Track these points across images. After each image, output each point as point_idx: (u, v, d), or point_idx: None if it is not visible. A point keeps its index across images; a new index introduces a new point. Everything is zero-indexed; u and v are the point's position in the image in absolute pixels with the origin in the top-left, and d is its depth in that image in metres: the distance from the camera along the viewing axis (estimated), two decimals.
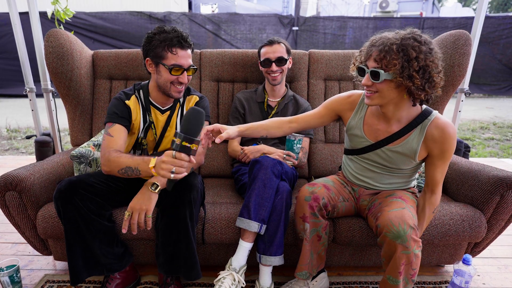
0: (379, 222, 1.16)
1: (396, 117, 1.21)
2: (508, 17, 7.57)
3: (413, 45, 1.04)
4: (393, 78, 1.08)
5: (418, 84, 1.05)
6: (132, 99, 1.43)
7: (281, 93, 1.82)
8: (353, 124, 1.33)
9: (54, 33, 1.71)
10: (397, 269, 1.11)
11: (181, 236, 1.28)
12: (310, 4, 19.88)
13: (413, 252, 1.09)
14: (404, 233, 1.08)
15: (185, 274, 1.31)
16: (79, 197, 1.25)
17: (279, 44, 1.73)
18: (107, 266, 1.34)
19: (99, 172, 1.45)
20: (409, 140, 1.21)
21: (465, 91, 2.15)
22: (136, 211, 1.25)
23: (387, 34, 1.11)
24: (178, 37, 1.29)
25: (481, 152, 4.10)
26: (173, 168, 1.06)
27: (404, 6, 17.39)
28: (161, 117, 1.47)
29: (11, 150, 4.00)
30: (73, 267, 1.29)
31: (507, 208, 1.40)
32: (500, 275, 1.63)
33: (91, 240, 1.29)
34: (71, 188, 1.25)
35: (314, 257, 1.33)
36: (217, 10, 14.81)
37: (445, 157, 1.19)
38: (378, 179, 1.35)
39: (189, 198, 1.27)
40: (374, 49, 1.10)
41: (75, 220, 1.26)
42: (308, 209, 1.28)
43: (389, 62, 1.06)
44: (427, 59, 1.05)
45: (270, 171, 1.37)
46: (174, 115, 1.49)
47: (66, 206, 1.24)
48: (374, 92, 1.14)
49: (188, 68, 1.34)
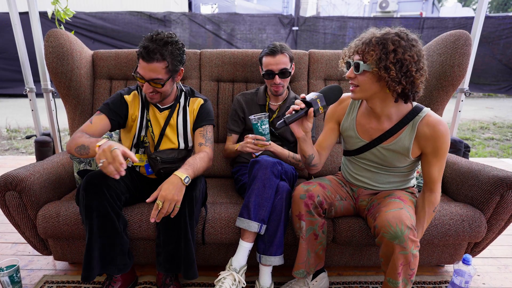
0: (377, 223, 1.16)
1: (385, 114, 1.22)
2: (508, 17, 7.57)
3: (393, 39, 1.07)
4: (371, 69, 1.10)
5: (394, 76, 1.07)
6: (132, 94, 1.46)
7: (282, 97, 1.80)
8: (347, 125, 1.34)
9: (54, 33, 1.71)
10: (396, 270, 1.11)
11: (181, 234, 1.28)
12: (310, 4, 19.88)
13: (411, 253, 1.09)
14: (401, 233, 1.08)
15: (184, 272, 1.31)
16: (110, 191, 1.25)
17: (282, 54, 1.63)
18: (119, 266, 1.32)
19: None
20: (401, 137, 1.22)
21: (465, 91, 2.15)
22: (168, 201, 1.21)
23: (373, 30, 1.14)
24: (145, 48, 1.26)
25: (481, 152, 4.10)
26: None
27: (404, 6, 17.38)
28: (159, 115, 1.47)
29: (11, 150, 4.01)
30: (88, 262, 1.25)
31: (507, 208, 1.40)
32: (500, 275, 1.63)
33: (115, 236, 1.27)
34: (104, 181, 1.24)
35: (312, 255, 1.33)
36: (217, 10, 14.82)
37: (439, 154, 1.19)
38: (375, 178, 1.36)
39: (190, 196, 1.27)
40: (358, 43, 1.14)
41: (106, 213, 1.23)
42: (304, 207, 1.28)
43: (368, 53, 1.09)
44: (406, 53, 1.07)
45: (269, 171, 1.37)
46: (174, 114, 1.49)
47: (99, 198, 1.22)
48: (356, 86, 1.17)
49: (149, 80, 1.30)
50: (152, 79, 1.30)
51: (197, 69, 1.98)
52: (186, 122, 1.50)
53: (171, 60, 1.31)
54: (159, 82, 1.32)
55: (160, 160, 1.46)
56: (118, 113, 1.41)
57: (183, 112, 1.50)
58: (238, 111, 1.81)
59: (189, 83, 1.96)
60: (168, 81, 1.34)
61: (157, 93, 1.36)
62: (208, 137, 1.50)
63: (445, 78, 1.69)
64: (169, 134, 1.48)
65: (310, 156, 1.32)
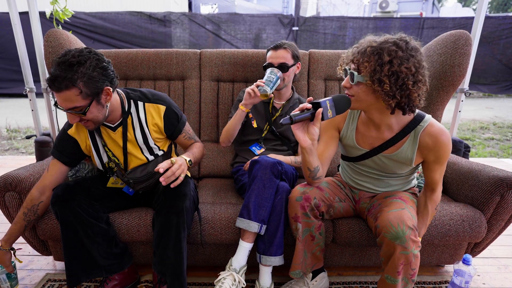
0: (378, 223, 1.16)
1: (385, 124, 1.18)
2: (508, 17, 7.57)
3: (390, 49, 1.01)
4: (364, 81, 1.05)
5: (387, 90, 1.02)
6: (74, 126, 1.33)
7: (286, 96, 1.80)
8: (346, 135, 1.30)
9: (53, 33, 1.71)
10: (396, 268, 1.11)
11: (171, 244, 1.26)
12: (310, 4, 19.88)
13: (412, 253, 1.08)
14: (403, 233, 1.08)
15: (170, 280, 1.28)
16: (76, 201, 1.26)
17: (284, 49, 1.65)
18: (106, 267, 1.34)
19: (95, 176, 1.45)
20: (403, 149, 1.20)
21: (465, 91, 2.15)
22: (178, 165, 1.22)
23: (371, 37, 1.09)
24: (50, 76, 1.10)
25: (481, 152, 4.10)
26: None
27: (404, 6, 17.37)
28: (114, 135, 1.34)
29: (11, 150, 4.00)
30: (69, 270, 1.29)
31: (507, 208, 1.40)
32: (500, 275, 1.63)
33: (89, 243, 1.29)
34: (68, 193, 1.26)
35: (308, 256, 1.33)
36: (217, 10, 14.81)
37: (440, 161, 1.18)
38: (376, 183, 1.35)
39: (181, 207, 1.24)
40: (355, 51, 1.09)
41: (72, 224, 1.26)
42: (300, 209, 1.28)
43: (361, 64, 1.05)
44: (402, 64, 1.00)
45: (269, 171, 1.37)
46: (129, 129, 1.34)
47: (64, 211, 1.25)
48: (351, 95, 1.11)
49: (67, 110, 1.14)
50: (70, 109, 1.14)
51: (197, 69, 1.98)
52: (145, 133, 1.35)
53: (84, 83, 1.11)
54: (79, 111, 1.15)
55: (133, 182, 1.35)
56: (68, 151, 1.33)
57: (139, 125, 1.34)
58: None
59: (189, 83, 1.96)
60: (90, 107, 1.15)
61: (88, 121, 1.20)
62: (192, 135, 1.50)
63: (445, 78, 1.69)
64: (132, 151, 1.36)
65: (316, 169, 1.23)
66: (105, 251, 1.32)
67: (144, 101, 1.35)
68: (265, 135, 1.77)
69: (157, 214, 1.30)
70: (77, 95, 1.11)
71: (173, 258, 1.26)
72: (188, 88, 1.96)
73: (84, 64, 1.11)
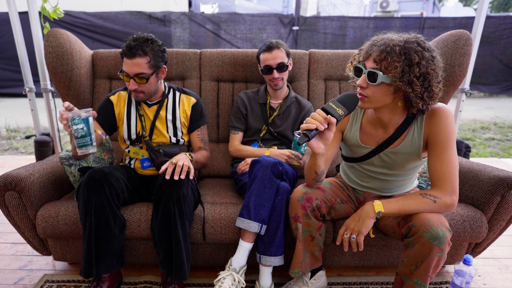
0: (415, 222, 1.09)
1: (393, 123, 1.17)
2: (508, 17, 7.56)
3: (416, 49, 0.99)
4: (392, 82, 1.02)
5: (418, 92, 1.00)
6: (117, 94, 1.56)
7: (283, 95, 1.81)
8: (350, 136, 1.29)
9: (53, 33, 1.71)
10: (428, 272, 1.07)
11: (171, 234, 1.28)
12: (310, 4, 19.86)
13: (444, 256, 1.06)
14: (443, 235, 1.04)
15: (174, 273, 1.31)
16: (110, 188, 1.28)
17: (278, 49, 1.67)
18: (108, 265, 1.34)
19: (119, 167, 1.48)
20: (409, 137, 1.17)
21: (466, 91, 2.15)
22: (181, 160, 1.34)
23: (390, 35, 1.06)
24: (127, 46, 1.34)
25: (482, 152, 4.09)
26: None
27: (405, 6, 17.37)
28: (148, 110, 1.54)
29: (11, 150, 4.00)
30: (89, 259, 1.27)
31: (508, 209, 1.39)
32: (501, 275, 1.63)
33: (108, 234, 1.28)
34: (105, 178, 1.27)
35: (307, 255, 1.33)
36: (217, 9, 14.81)
37: (439, 140, 1.08)
38: (382, 185, 1.33)
39: (178, 195, 1.27)
40: (375, 49, 1.03)
41: (103, 210, 1.26)
42: (301, 210, 1.27)
43: (389, 64, 0.99)
44: (429, 66, 0.99)
45: (270, 171, 1.36)
46: (162, 108, 1.54)
47: (98, 194, 1.25)
48: (364, 96, 1.07)
49: (133, 76, 1.36)
50: (136, 74, 1.36)
51: (197, 69, 1.97)
52: (175, 117, 1.56)
53: (153, 55, 1.37)
54: (143, 76, 1.37)
55: (163, 153, 1.51)
56: (107, 115, 1.51)
57: (172, 107, 1.56)
58: (241, 108, 1.82)
59: (189, 83, 1.96)
60: (152, 76, 1.40)
61: (142, 92, 1.41)
62: (205, 140, 1.64)
63: (446, 78, 1.69)
64: (159, 127, 1.53)
65: (322, 172, 1.21)
66: (118, 248, 1.34)
67: (181, 92, 1.60)
68: (263, 135, 1.78)
69: (156, 204, 1.30)
70: (146, 63, 1.36)
71: (174, 249, 1.28)
72: (188, 88, 1.96)
73: (155, 42, 1.39)
